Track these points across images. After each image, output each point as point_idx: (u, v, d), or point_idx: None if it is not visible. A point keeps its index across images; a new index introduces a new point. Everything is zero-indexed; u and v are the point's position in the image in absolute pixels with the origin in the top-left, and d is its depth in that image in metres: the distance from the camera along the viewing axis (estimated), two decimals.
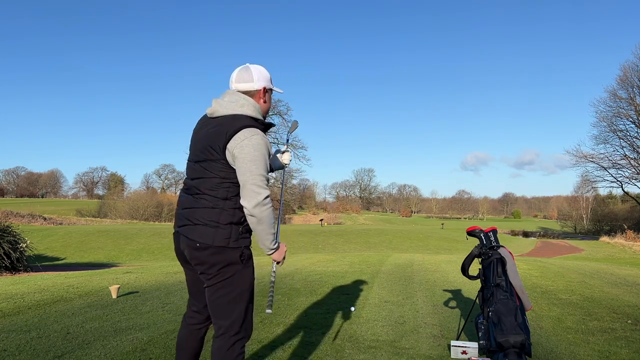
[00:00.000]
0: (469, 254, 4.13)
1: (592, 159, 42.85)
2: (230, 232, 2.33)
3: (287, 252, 2.59)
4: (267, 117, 2.56)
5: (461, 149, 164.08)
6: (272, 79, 2.54)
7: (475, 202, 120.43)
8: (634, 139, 41.09)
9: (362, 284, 7.37)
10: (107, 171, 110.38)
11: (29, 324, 4.79)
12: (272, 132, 57.41)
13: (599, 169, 43.28)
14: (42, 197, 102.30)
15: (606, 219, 56.20)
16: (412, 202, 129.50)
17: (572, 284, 7.64)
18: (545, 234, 57.14)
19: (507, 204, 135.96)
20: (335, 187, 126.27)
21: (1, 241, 10.67)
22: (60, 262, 17.81)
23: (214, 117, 2.39)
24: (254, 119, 2.39)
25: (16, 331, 4.52)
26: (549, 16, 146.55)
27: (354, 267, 9.56)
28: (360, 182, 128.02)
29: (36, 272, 11.21)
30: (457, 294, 6.51)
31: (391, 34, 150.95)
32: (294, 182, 63.83)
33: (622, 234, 37.99)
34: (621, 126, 41.65)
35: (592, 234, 51.78)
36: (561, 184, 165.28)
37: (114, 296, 6.23)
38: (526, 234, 56.14)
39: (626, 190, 44.70)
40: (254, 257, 2.50)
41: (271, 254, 2.43)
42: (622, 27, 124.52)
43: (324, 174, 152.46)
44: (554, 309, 5.65)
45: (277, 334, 4.40)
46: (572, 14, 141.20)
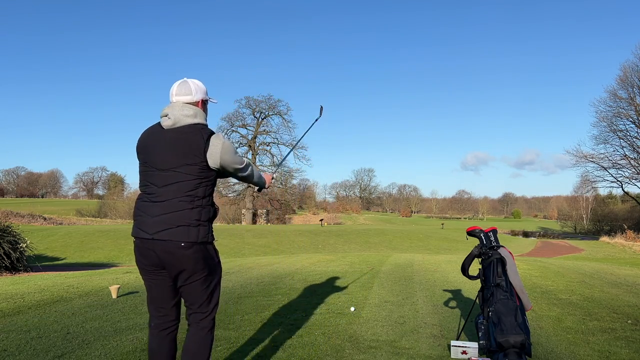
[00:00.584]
0: (469, 254, 4.13)
1: (592, 159, 42.85)
2: (208, 228, 2.62)
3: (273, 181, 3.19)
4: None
5: (461, 148, 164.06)
6: (207, 91, 2.81)
7: (475, 202, 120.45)
8: (634, 139, 41.10)
9: (362, 284, 7.37)
10: (107, 171, 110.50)
11: (29, 324, 4.79)
12: (272, 132, 57.70)
13: (599, 169, 43.30)
14: (42, 197, 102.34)
15: (606, 219, 56.18)
16: (412, 202, 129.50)
17: (572, 284, 7.65)
18: (545, 234, 57.11)
19: (507, 204, 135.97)
20: (335, 187, 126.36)
21: (1, 241, 10.67)
22: (60, 262, 17.80)
23: (173, 128, 2.61)
24: (207, 126, 2.70)
25: (16, 331, 4.53)
26: (549, 15, 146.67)
27: (354, 267, 9.56)
28: (360, 182, 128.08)
29: (36, 272, 11.21)
30: (457, 294, 6.51)
31: (391, 32, 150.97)
32: (294, 182, 63.89)
33: (622, 234, 37.98)
34: (621, 126, 41.67)
35: (592, 234, 51.77)
36: (561, 184, 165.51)
37: (114, 296, 6.23)
38: (526, 234, 56.13)
39: (626, 190, 44.70)
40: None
41: (271, 179, 3.11)
42: (622, 27, 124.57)
43: (324, 174, 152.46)
44: (554, 309, 5.65)
45: (277, 334, 4.40)
46: (572, 13, 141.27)
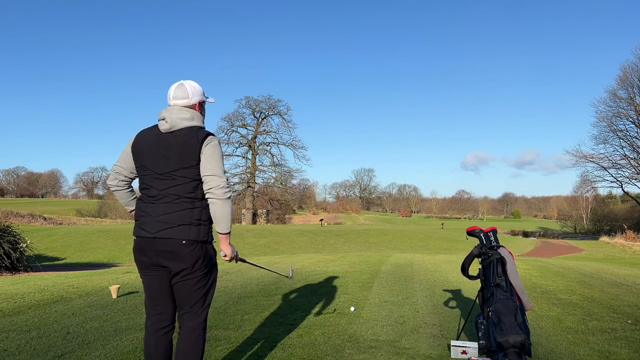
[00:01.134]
0: (469, 254, 4.13)
1: (592, 159, 42.85)
2: (208, 228, 2.68)
3: (237, 253, 2.86)
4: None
5: (461, 148, 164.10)
6: (204, 92, 2.83)
7: (475, 202, 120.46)
8: (634, 139, 41.10)
9: (362, 284, 7.37)
10: (107, 171, 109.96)
11: (29, 324, 4.79)
12: (272, 133, 57.72)
13: (599, 169, 43.29)
14: (42, 197, 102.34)
15: (606, 219, 56.17)
16: (412, 202, 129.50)
17: (572, 284, 7.65)
18: (545, 234, 57.11)
19: (507, 204, 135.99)
20: (335, 187, 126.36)
21: (1, 241, 10.66)
22: (60, 262, 17.80)
23: (170, 132, 2.65)
24: (204, 128, 2.74)
25: (16, 331, 4.53)
26: (549, 15, 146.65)
27: (354, 267, 9.56)
28: (360, 182, 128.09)
29: (36, 272, 11.21)
30: (457, 294, 6.51)
31: (391, 32, 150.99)
32: (294, 182, 63.96)
33: (622, 234, 37.98)
34: (621, 126, 41.67)
35: (592, 234, 51.77)
36: (561, 184, 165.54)
37: (114, 296, 6.24)
38: (526, 234, 56.12)
39: (626, 190, 44.69)
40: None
41: (226, 234, 2.66)
42: (622, 27, 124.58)
43: (324, 174, 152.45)
44: (554, 309, 5.66)
45: (277, 334, 4.40)
46: (572, 13, 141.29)
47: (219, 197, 2.55)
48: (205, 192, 2.59)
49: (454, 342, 3.83)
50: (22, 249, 11.19)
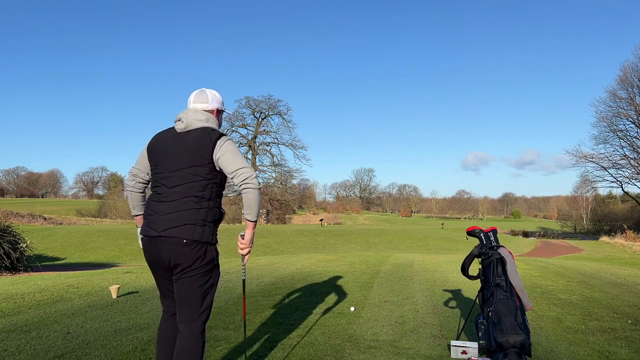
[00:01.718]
0: (469, 254, 4.14)
1: (592, 159, 42.81)
2: (213, 229, 2.71)
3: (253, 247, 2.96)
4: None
5: (462, 148, 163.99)
6: (223, 102, 2.94)
7: (475, 202, 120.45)
8: (634, 139, 41.07)
9: (362, 284, 7.37)
10: (107, 171, 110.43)
11: (29, 324, 4.79)
12: (272, 133, 57.73)
13: (599, 169, 43.26)
14: (42, 197, 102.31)
15: (606, 219, 56.15)
16: (412, 202, 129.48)
17: (572, 284, 7.65)
18: (545, 234, 57.10)
19: (507, 204, 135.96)
20: (335, 187, 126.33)
21: (1, 241, 10.67)
22: (60, 262, 17.81)
23: (186, 132, 2.73)
24: (217, 129, 2.80)
25: (16, 331, 4.53)
26: (549, 15, 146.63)
27: (354, 267, 9.56)
28: (360, 182, 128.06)
29: (36, 272, 11.21)
30: (457, 294, 6.51)
31: (391, 32, 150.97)
32: (294, 182, 63.90)
33: (622, 234, 37.98)
34: (621, 126, 41.64)
35: (592, 234, 51.75)
36: (561, 184, 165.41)
37: (114, 296, 6.23)
38: (526, 234, 56.11)
39: (626, 190, 44.65)
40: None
41: (254, 222, 2.71)
42: (622, 27, 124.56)
43: (324, 174, 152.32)
44: (554, 309, 5.66)
45: (277, 334, 4.40)
46: (572, 13, 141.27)
47: (255, 186, 2.64)
48: (240, 184, 2.62)
49: (454, 342, 3.83)
50: (22, 249, 11.20)
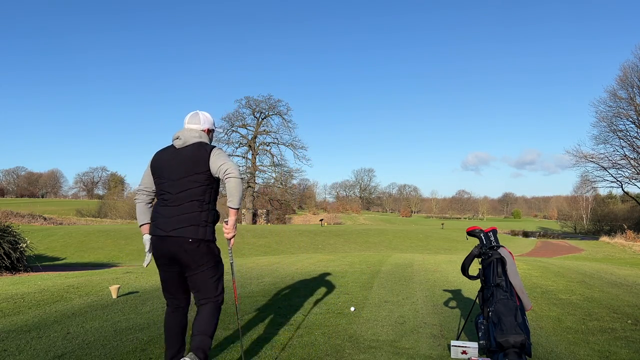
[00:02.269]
0: (469, 254, 4.14)
1: (592, 159, 42.76)
2: (212, 229, 3.16)
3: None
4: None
5: (462, 149, 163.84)
6: (214, 122, 3.45)
7: (475, 202, 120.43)
8: (634, 139, 41.02)
9: (362, 284, 7.37)
10: (107, 171, 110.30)
11: (29, 324, 4.79)
12: (272, 133, 57.75)
13: (599, 169, 43.19)
14: (42, 197, 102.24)
15: (606, 219, 56.14)
16: (412, 202, 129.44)
17: (572, 284, 7.65)
18: (545, 234, 57.09)
19: (507, 204, 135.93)
20: (335, 187, 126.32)
21: (1, 241, 10.66)
22: (60, 262, 17.80)
23: (184, 147, 3.21)
24: (209, 143, 3.30)
25: (16, 331, 4.53)
26: (549, 16, 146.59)
27: (354, 267, 9.56)
28: (360, 182, 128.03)
29: (36, 272, 11.21)
30: (457, 294, 6.52)
31: (391, 32, 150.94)
32: (294, 182, 63.90)
33: (622, 234, 37.96)
34: (621, 126, 41.58)
35: (592, 234, 51.75)
36: (561, 184, 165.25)
37: (114, 296, 6.24)
38: (526, 234, 56.11)
39: (626, 190, 44.58)
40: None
41: (236, 209, 3.09)
42: (622, 27, 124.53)
43: (324, 174, 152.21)
44: (554, 309, 5.66)
45: (277, 334, 4.40)
46: (572, 13, 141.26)
47: (236, 175, 3.05)
48: (224, 175, 3.04)
49: (454, 342, 3.83)
50: (22, 249, 11.19)
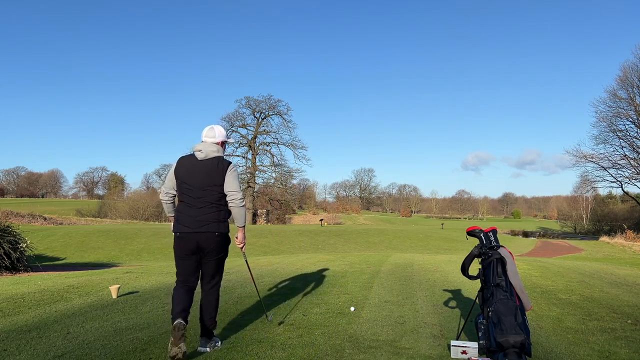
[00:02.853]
0: (469, 254, 4.14)
1: (592, 159, 42.73)
2: (227, 224, 4.03)
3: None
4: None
5: (463, 148, 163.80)
6: (227, 134, 4.22)
7: (475, 202, 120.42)
8: (634, 139, 41.01)
9: (362, 284, 7.37)
10: (107, 171, 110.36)
11: (29, 324, 4.80)
12: (272, 133, 57.76)
13: (599, 169, 43.16)
14: (42, 197, 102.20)
15: (606, 219, 56.12)
16: (412, 202, 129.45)
17: (572, 284, 7.65)
18: (545, 234, 57.08)
19: (507, 204, 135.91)
20: (335, 187, 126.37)
21: (1, 241, 10.66)
22: (60, 262, 17.80)
23: (205, 159, 3.94)
24: (225, 158, 4.06)
25: (16, 331, 4.53)
26: (549, 16, 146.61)
27: (354, 267, 9.56)
28: (360, 182, 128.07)
29: (36, 272, 11.21)
30: (457, 294, 6.52)
31: (391, 32, 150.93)
32: (294, 182, 63.90)
33: (622, 234, 37.96)
34: (621, 126, 41.56)
35: (592, 234, 51.73)
36: (561, 184, 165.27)
37: (114, 296, 6.24)
38: (526, 234, 56.09)
39: (626, 190, 44.55)
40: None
41: (242, 227, 4.10)
42: (622, 28, 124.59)
43: (324, 174, 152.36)
44: (554, 309, 5.66)
45: (277, 334, 4.40)
46: (572, 14, 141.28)
47: (237, 205, 3.94)
48: (228, 201, 3.93)
49: (454, 342, 3.83)
50: (22, 249, 11.19)
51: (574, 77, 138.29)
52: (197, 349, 3.93)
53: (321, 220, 55.66)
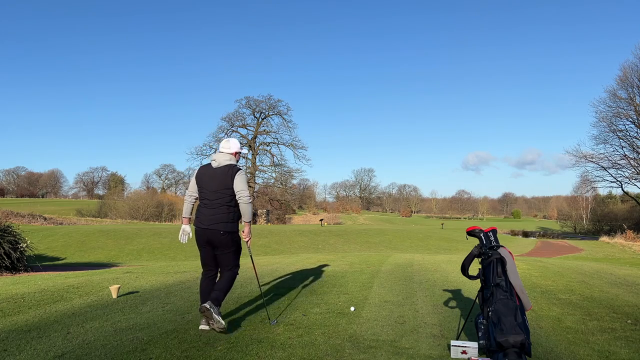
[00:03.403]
0: (469, 254, 4.14)
1: (591, 159, 42.75)
2: (237, 224, 4.65)
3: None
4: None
5: (463, 148, 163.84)
6: (241, 146, 4.86)
7: (475, 202, 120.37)
8: (634, 139, 41.01)
9: (362, 284, 7.37)
10: (107, 171, 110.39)
11: (29, 324, 4.80)
12: (272, 133, 57.78)
13: (599, 169, 43.18)
14: (43, 197, 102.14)
15: (606, 219, 56.11)
16: (412, 202, 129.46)
17: (572, 284, 7.65)
18: (545, 234, 57.04)
19: (507, 204, 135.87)
20: (335, 187, 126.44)
21: (1, 241, 10.67)
22: (60, 262, 17.80)
23: (219, 167, 4.60)
24: (236, 165, 4.69)
25: (16, 331, 4.53)
26: (549, 16, 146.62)
27: (354, 267, 9.56)
28: (360, 182, 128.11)
29: (36, 272, 11.21)
30: (457, 294, 6.52)
31: (391, 33, 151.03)
32: (294, 182, 63.96)
33: (622, 234, 37.99)
34: (621, 126, 41.56)
35: (592, 234, 51.74)
36: (561, 184, 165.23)
37: (114, 296, 6.23)
38: (526, 234, 56.06)
39: (626, 190, 44.56)
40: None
41: (248, 222, 4.69)
42: (622, 28, 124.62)
43: (324, 174, 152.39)
44: (553, 309, 5.66)
45: (277, 333, 4.40)
46: (572, 14, 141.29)
47: (245, 202, 4.55)
48: (237, 199, 4.54)
49: (454, 342, 3.83)
50: (22, 249, 11.20)
51: (574, 77, 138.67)
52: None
53: (321, 220, 55.66)
